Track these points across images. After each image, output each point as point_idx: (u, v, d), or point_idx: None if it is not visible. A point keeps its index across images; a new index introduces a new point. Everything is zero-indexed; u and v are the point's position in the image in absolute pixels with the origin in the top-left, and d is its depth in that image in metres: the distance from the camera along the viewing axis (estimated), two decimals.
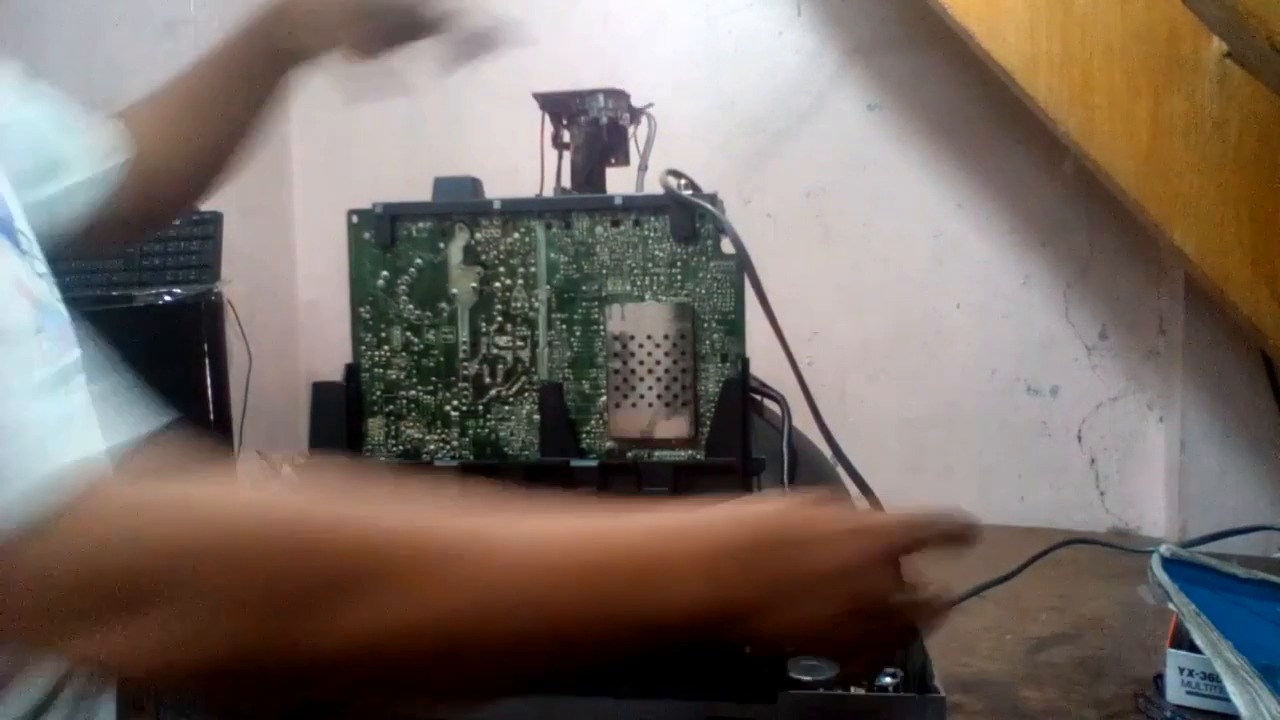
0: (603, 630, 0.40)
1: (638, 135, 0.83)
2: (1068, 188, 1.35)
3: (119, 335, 0.44)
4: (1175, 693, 0.76)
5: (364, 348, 0.65)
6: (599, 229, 0.63)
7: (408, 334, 0.65)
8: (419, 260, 0.64)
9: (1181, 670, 0.76)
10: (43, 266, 0.44)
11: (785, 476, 0.75)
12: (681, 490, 0.61)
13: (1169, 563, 0.79)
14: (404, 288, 0.65)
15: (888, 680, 0.63)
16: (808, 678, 0.61)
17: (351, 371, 0.65)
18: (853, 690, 0.62)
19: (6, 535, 0.33)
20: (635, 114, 0.82)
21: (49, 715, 0.44)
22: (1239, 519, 1.27)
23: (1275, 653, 0.70)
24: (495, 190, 0.67)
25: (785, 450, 0.78)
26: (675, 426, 0.62)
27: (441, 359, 0.64)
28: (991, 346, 1.41)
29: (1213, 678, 0.74)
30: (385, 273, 0.64)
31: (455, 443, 0.64)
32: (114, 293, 1.05)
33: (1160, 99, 1.12)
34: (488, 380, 0.64)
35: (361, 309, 0.65)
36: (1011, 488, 1.41)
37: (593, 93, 0.79)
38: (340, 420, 0.65)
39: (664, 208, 0.62)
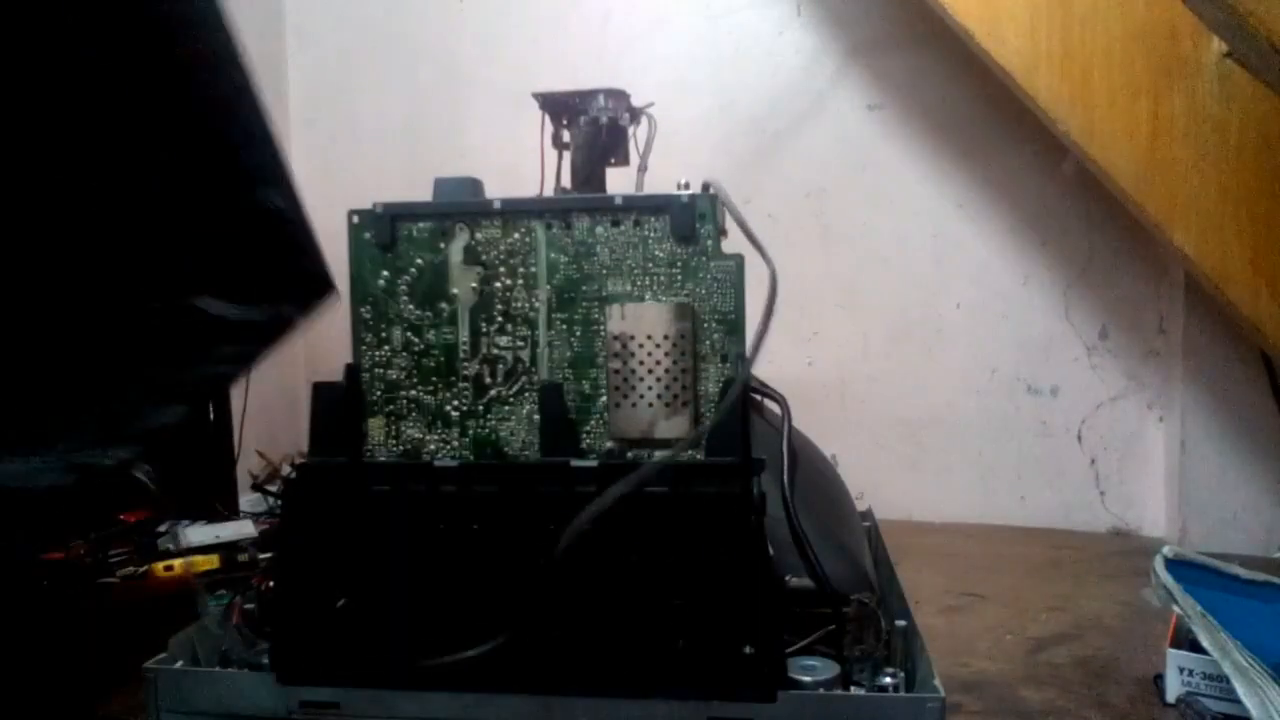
0: None
1: (638, 135, 0.83)
2: (1068, 188, 1.35)
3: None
4: (1175, 693, 0.76)
5: (364, 348, 0.65)
6: (599, 229, 0.63)
7: (408, 334, 0.65)
8: (419, 260, 0.64)
9: (1181, 670, 0.76)
10: None
11: (785, 477, 0.75)
12: (681, 490, 0.61)
13: (1172, 564, 0.79)
14: (404, 288, 0.65)
15: (888, 680, 0.62)
16: (808, 678, 0.61)
17: (351, 371, 0.65)
18: (853, 690, 0.62)
19: None
20: (635, 114, 0.82)
21: None
22: (1239, 519, 1.27)
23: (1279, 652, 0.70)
24: (495, 190, 0.67)
25: (785, 450, 0.78)
26: (675, 426, 0.62)
27: (442, 359, 0.64)
28: (991, 346, 1.41)
29: (1212, 678, 0.74)
30: (385, 273, 0.64)
31: (455, 443, 0.64)
32: None
33: (1160, 99, 1.12)
34: (488, 380, 0.64)
35: (361, 309, 0.65)
36: (1011, 488, 1.41)
37: (593, 93, 0.79)
38: (340, 420, 0.65)
39: (664, 208, 0.62)
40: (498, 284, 0.64)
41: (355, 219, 0.65)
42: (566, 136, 0.80)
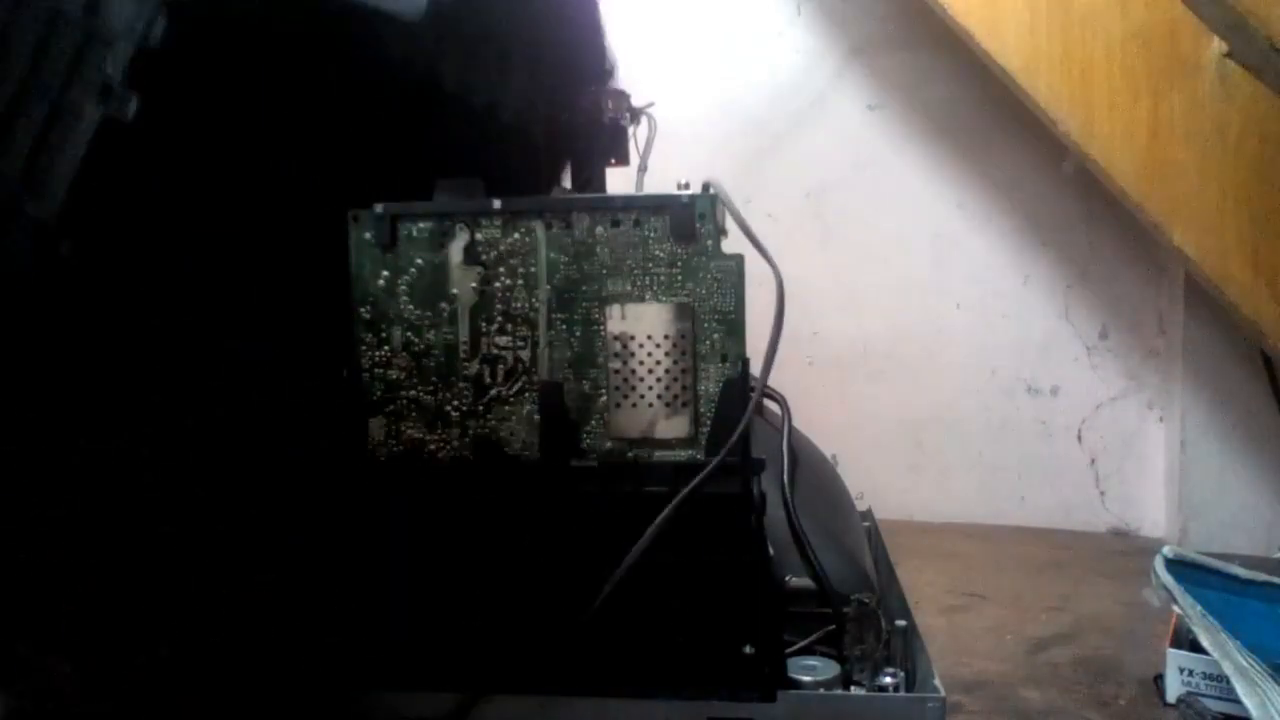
0: None
1: (638, 135, 0.83)
2: (1068, 188, 1.35)
3: None
4: (1175, 693, 0.76)
5: (364, 348, 0.65)
6: (599, 229, 0.63)
7: (408, 334, 0.65)
8: (419, 260, 0.64)
9: (1181, 670, 0.76)
10: None
11: (785, 477, 0.75)
12: (681, 490, 0.61)
13: (1172, 564, 0.79)
14: (404, 288, 0.64)
15: (888, 680, 0.63)
16: (808, 678, 0.61)
17: (352, 371, 0.65)
18: (853, 690, 0.62)
19: None
20: (635, 114, 0.82)
21: None
22: (1239, 519, 1.27)
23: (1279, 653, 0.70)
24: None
25: (785, 450, 0.78)
26: (675, 426, 0.62)
27: (441, 359, 0.64)
28: (991, 346, 1.41)
29: (1212, 678, 0.74)
30: (385, 273, 0.64)
31: (455, 443, 0.64)
32: None
33: (1160, 99, 1.12)
34: (488, 380, 0.64)
35: (361, 309, 0.65)
36: (1011, 488, 1.41)
37: (593, 92, 0.79)
38: (340, 420, 0.65)
39: (664, 208, 0.62)
40: (498, 284, 0.64)
41: (355, 219, 0.65)
42: None
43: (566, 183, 0.82)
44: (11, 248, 0.58)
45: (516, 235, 0.64)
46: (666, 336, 0.62)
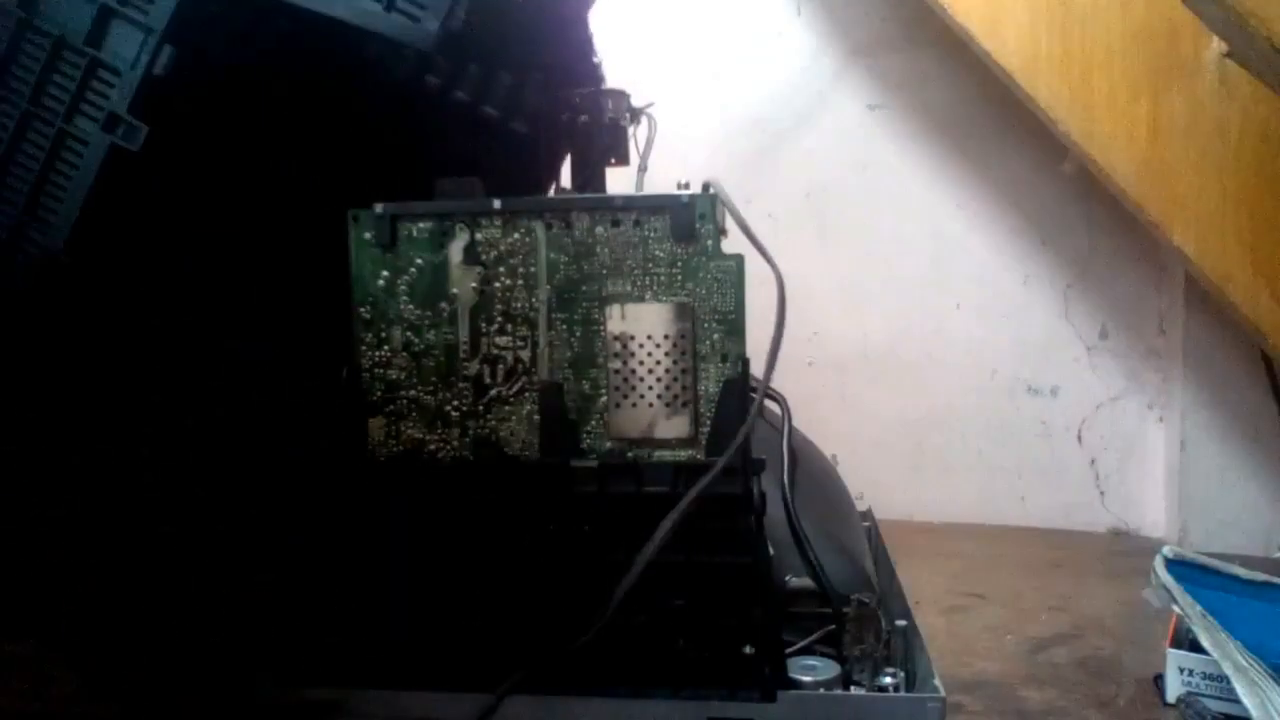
0: None
1: (638, 135, 0.83)
2: (1068, 188, 1.35)
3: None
4: (1175, 693, 0.76)
5: (364, 348, 0.65)
6: (599, 229, 0.63)
7: (408, 334, 0.65)
8: (419, 260, 0.64)
9: (1181, 670, 0.76)
10: None
11: (785, 477, 0.75)
12: (682, 491, 0.61)
13: (1172, 564, 0.79)
14: (404, 288, 0.64)
15: (888, 680, 0.63)
16: (808, 678, 0.61)
17: (352, 371, 0.65)
18: (853, 690, 0.62)
19: None
20: (635, 114, 0.82)
21: None
22: (1239, 519, 1.27)
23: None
24: None
25: (785, 450, 0.78)
26: (675, 426, 0.62)
27: (441, 359, 0.64)
28: (991, 346, 1.41)
29: (1212, 678, 0.74)
30: (385, 273, 0.64)
31: (455, 443, 0.64)
32: None
33: (1160, 99, 1.12)
34: (488, 380, 0.64)
35: (361, 309, 0.65)
36: (1011, 488, 1.41)
37: (593, 93, 0.79)
38: (340, 420, 0.65)
39: (664, 208, 0.62)
40: (498, 284, 0.64)
41: (355, 219, 0.65)
42: None
43: (566, 183, 0.82)
44: (15, 273, 0.59)
45: (516, 235, 0.64)
46: (666, 336, 0.62)
